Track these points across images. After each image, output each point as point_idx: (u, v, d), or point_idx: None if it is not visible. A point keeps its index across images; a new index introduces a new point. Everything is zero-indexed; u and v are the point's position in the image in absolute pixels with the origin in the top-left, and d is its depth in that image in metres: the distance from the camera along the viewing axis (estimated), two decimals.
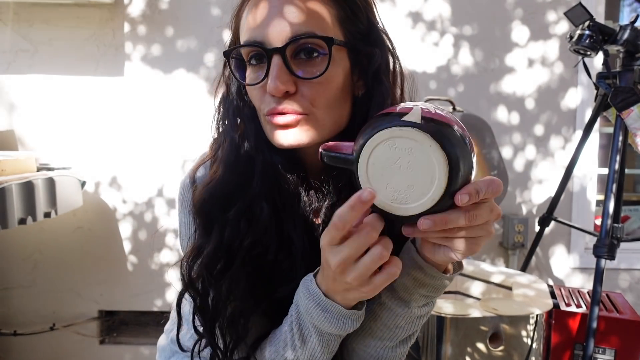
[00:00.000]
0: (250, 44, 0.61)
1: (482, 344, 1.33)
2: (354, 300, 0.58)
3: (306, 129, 0.62)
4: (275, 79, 0.59)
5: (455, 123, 0.49)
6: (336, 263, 0.53)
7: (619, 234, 1.55)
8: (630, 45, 1.54)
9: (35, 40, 2.18)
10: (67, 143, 2.21)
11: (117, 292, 2.27)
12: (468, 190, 0.48)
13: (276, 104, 0.60)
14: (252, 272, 0.65)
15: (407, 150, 0.48)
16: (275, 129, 0.62)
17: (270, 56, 0.60)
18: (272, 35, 0.60)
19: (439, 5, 2.21)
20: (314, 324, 0.60)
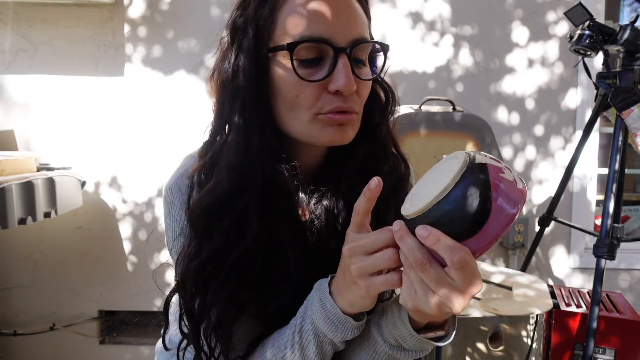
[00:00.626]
0: (317, 40, 0.60)
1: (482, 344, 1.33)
2: (352, 303, 0.58)
3: (354, 128, 0.66)
4: (348, 78, 0.60)
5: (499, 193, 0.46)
6: (349, 246, 0.55)
7: (619, 234, 1.55)
8: (630, 45, 1.54)
9: (35, 40, 2.18)
10: (67, 143, 2.21)
11: (117, 292, 2.27)
12: (431, 230, 0.47)
13: (342, 102, 0.62)
14: (237, 283, 0.64)
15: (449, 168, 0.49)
16: (333, 127, 0.63)
17: (338, 55, 0.60)
18: (340, 33, 0.61)
19: (439, 6, 2.21)
20: (312, 318, 0.60)
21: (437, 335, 0.59)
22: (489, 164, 0.48)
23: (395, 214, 0.55)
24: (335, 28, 0.60)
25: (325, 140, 0.64)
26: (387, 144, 0.74)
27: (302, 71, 0.61)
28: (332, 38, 0.60)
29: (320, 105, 0.62)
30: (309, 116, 0.63)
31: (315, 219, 0.70)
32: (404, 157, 0.76)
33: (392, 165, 0.73)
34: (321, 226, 0.69)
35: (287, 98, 0.63)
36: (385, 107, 0.72)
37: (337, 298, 0.59)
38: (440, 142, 1.66)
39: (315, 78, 0.61)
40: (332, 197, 0.70)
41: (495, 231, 0.46)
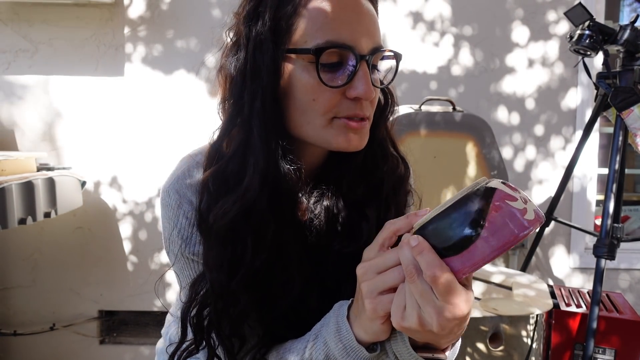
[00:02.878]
0: (342, 47, 0.60)
1: (482, 344, 1.33)
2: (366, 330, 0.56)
3: (367, 133, 0.66)
4: (368, 85, 0.61)
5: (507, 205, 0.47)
6: (361, 265, 0.54)
7: (619, 234, 1.55)
8: (630, 45, 1.54)
9: (35, 40, 2.18)
10: (67, 143, 2.21)
11: (117, 292, 2.27)
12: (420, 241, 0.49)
13: (360, 109, 0.62)
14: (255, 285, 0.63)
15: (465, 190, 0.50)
16: (349, 132, 0.63)
17: (359, 62, 0.60)
18: (363, 40, 0.61)
19: (439, 5, 2.21)
20: (325, 339, 0.60)
21: (435, 356, 0.57)
22: (498, 189, 0.48)
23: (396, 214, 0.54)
24: (358, 35, 0.61)
25: (342, 145, 0.63)
26: (386, 144, 0.73)
27: (323, 75, 0.60)
28: (355, 45, 0.60)
29: (338, 110, 0.62)
30: (325, 120, 0.62)
31: (315, 218, 0.69)
32: (403, 158, 0.76)
33: (392, 165, 0.73)
34: (320, 226, 0.69)
35: (303, 100, 0.62)
36: (384, 109, 0.72)
37: (354, 324, 0.58)
38: (440, 142, 1.66)
39: (335, 84, 0.61)
40: (332, 197, 0.70)
41: (483, 253, 0.47)
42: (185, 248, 0.68)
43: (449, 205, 0.48)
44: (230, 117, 0.64)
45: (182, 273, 0.70)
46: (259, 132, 0.61)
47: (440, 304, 0.48)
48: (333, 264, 0.62)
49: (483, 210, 0.46)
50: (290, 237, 0.65)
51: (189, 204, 0.67)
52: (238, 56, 0.63)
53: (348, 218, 0.69)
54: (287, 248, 0.65)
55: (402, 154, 0.76)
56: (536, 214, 0.47)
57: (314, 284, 0.65)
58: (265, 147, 0.61)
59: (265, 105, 0.61)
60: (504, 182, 0.49)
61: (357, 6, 0.61)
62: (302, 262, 0.65)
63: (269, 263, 0.63)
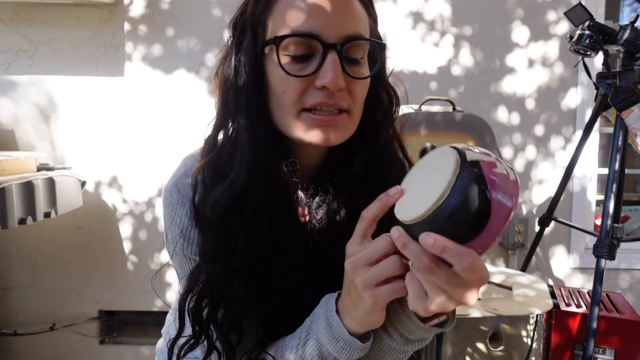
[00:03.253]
0: (307, 35, 0.59)
1: (482, 344, 1.34)
2: (360, 321, 0.57)
3: (345, 128, 0.63)
4: (335, 74, 0.58)
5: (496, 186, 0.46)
6: (350, 260, 0.54)
7: (619, 234, 1.55)
8: (630, 45, 1.54)
9: (35, 40, 2.18)
10: (67, 143, 2.21)
11: (117, 292, 2.27)
12: (436, 238, 0.46)
13: (326, 98, 0.60)
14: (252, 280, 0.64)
15: (440, 168, 0.48)
16: (317, 127, 0.61)
17: (327, 51, 0.59)
18: (331, 29, 0.59)
19: (439, 5, 2.21)
20: (317, 335, 0.60)
21: (441, 320, 0.58)
22: (481, 160, 0.47)
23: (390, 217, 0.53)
24: (326, 24, 0.59)
25: (313, 140, 0.62)
26: (391, 147, 0.72)
27: (291, 66, 0.60)
28: (322, 34, 0.59)
29: (304, 100, 0.61)
30: (294, 113, 0.62)
31: (317, 223, 0.69)
32: (410, 162, 0.74)
33: (397, 170, 0.71)
34: (322, 230, 0.69)
35: (276, 93, 0.63)
36: (388, 111, 0.71)
37: (344, 317, 0.58)
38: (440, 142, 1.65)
39: (301, 73, 0.60)
40: (333, 203, 0.69)
41: (497, 228, 0.46)
42: (187, 247, 0.68)
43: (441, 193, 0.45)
44: (220, 112, 0.66)
45: (184, 272, 0.70)
46: (244, 126, 0.63)
47: (472, 282, 0.48)
48: (333, 270, 0.62)
49: (484, 187, 0.45)
50: (287, 232, 0.65)
51: (190, 203, 0.67)
52: (228, 57, 0.66)
53: (350, 225, 0.68)
54: (284, 243, 0.65)
55: (411, 158, 0.75)
56: (514, 174, 0.48)
57: (311, 284, 0.65)
58: (251, 139, 0.63)
59: (250, 100, 0.63)
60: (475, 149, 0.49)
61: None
62: (300, 258, 0.65)
63: (265, 257, 0.63)
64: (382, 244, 0.52)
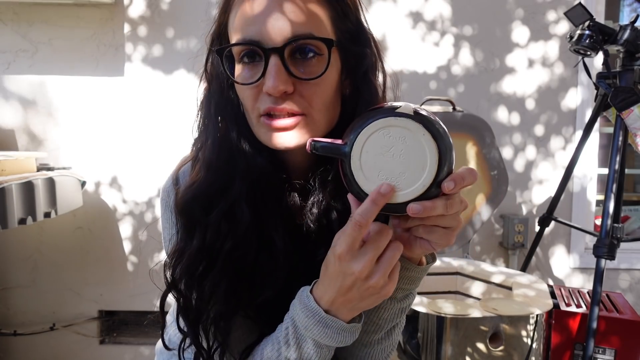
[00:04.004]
0: (246, 43, 0.60)
1: (482, 344, 1.34)
2: (364, 309, 0.60)
3: (303, 131, 0.62)
4: (274, 78, 0.58)
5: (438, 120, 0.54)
6: (361, 268, 0.54)
7: (619, 234, 1.55)
8: (630, 45, 1.54)
9: (35, 40, 2.18)
10: (67, 143, 2.21)
11: (117, 292, 2.27)
12: (454, 177, 0.52)
13: (274, 103, 0.59)
14: (233, 274, 0.64)
15: (401, 139, 0.52)
16: (272, 131, 0.61)
17: (268, 56, 0.58)
18: (270, 34, 0.58)
19: (439, 5, 2.21)
20: (314, 339, 0.61)
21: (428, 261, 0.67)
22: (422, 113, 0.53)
23: None
24: (266, 28, 0.59)
25: (272, 144, 0.62)
26: None
27: (244, 74, 0.62)
28: (262, 39, 0.59)
29: (258, 106, 0.61)
30: (254, 118, 0.63)
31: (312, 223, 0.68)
32: None
33: None
34: (317, 230, 0.68)
35: (242, 102, 0.65)
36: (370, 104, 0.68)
37: (338, 314, 0.59)
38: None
39: (248, 81, 0.61)
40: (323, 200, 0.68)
41: None
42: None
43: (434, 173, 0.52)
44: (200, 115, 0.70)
45: None
46: (212, 129, 0.67)
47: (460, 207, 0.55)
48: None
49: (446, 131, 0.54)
50: (277, 227, 0.66)
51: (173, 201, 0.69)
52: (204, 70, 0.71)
53: (338, 220, 0.68)
54: (274, 238, 0.66)
55: None
56: None
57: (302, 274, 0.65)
58: (216, 142, 0.66)
59: (219, 106, 0.67)
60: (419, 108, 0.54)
61: (267, 1, 0.59)
62: (289, 251, 0.66)
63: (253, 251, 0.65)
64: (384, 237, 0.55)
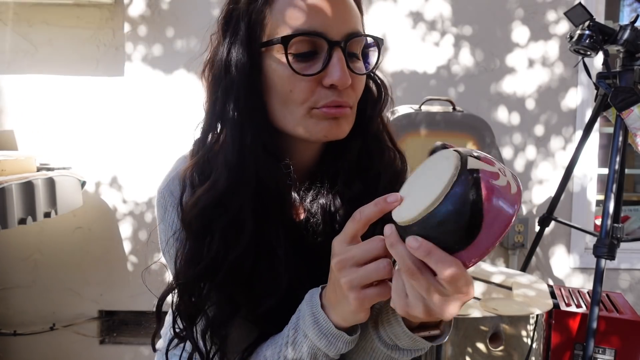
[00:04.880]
0: (312, 34, 0.60)
1: (482, 344, 1.34)
2: (345, 318, 0.56)
3: (349, 122, 0.65)
4: (343, 72, 0.59)
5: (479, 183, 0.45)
6: (338, 259, 0.53)
7: (619, 234, 1.55)
8: (630, 45, 1.54)
9: (35, 40, 2.18)
10: (67, 143, 2.21)
11: (117, 292, 2.27)
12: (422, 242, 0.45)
13: (337, 97, 0.61)
14: (234, 280, 0.63)
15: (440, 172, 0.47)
16: (328, 121, 0.62)
17: (332, 49, 0.60)
18: (334, 28, 0.60)
19: (439, 5, 2.21)
20: (304, 332, 0.60)
21: (432, 334, 0.58)
22: (481, 169, 0.45)
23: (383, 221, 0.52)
24: (329, 22, 0.60)
25: (320, 135, 0.63)
26: (382, 138, 0.73)
27: (297, 65, 0.60)
28: (326, 32, 0.60)
29: (315, 99, 0.61)
30: (304, 111, 0.62)
31: (312, 217, 0.69)
32: (400, 152, 0.75)
33: (388, 159, 0.72)
34: (317, 224, 0.68)
35: (281, 93, 0.62)
36: (378, 101, 0.71)
37: (330, 312, 0.57)
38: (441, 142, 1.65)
39: (309, 72, 0.60)
40: (328, 195, 0.69)
41: (488, 242, 0.45)
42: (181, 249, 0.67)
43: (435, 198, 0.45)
44: (206, 112, 0.67)
45: None
46: (231, 128, 0.63)
47: (452, 294, 0.46)
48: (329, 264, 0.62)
49: (479, 199, 0.44)
50: (279, 236, 0.65)
51: (178, 204, 0.67)
52: (216, 56, 0.66)
53: (346, 216, 0.68)
54: (274, 247, 0.64)
55: (399, 147, 0.75)
56: (517, 185, 0.46)
57: (308, 282, 0.64)
58: (237, 142, 0.62)
59: (239, 101, 0.63)
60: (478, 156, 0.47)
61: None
62: (290, 260, 0.65)
63: (254, 260, 0.63)
64: (374, 246, 0.51)
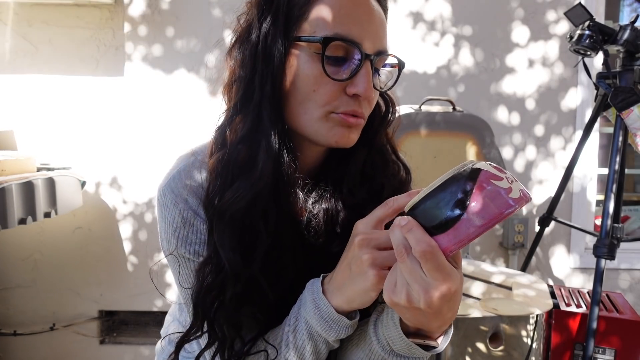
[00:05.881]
0: (350, 41, 0.60)
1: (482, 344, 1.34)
2: (352, 298, 0.57)
3: (359, 132, 0.66)
4: (369, 84, 0.61)
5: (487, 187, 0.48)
6: (363, 237, 0.55)
7: (619, 234, 1.55)
8: (630, 45, 1.54)
9: (35, 40, 2.18)
10: (67, 143, 2.21)
11: (117, 292, 2.27)
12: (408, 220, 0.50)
13: (357, 107, 0.63)
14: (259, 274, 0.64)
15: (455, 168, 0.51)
16: (342, 128, 0.63)
17: (364, 60, 0.61)
18: (369, 41, 0.62)
19: (439, 5, 2.21)
20: (305, 318, 0.61)
21: (427, 343, 0.58)
22: (484, 169, 0.49)
23: None
24: (366, 34, 0.61)
25: (332, 140, 0.64)
26: (386, 150, 0.74)
27: (328, 68, 0.61)
28: (362, 42, 0.61)
29: (336, 104, 0.62)
30: (322, 113, 0.62)
31: (313, 218, 0.69)
32: (404, 164, 0.77)
33: (392, 171, 0.74)
34: (319, 226, 0.69)
35: (303, 90, 0.62)
36: (385, 116, 0.73)
37: (332, 296, 0.59)
38: (440, 142, 1.66)
39: (338, 77, 0.61)
40: (330, 199, 0.70)
41: (468, 231, 0.48)
42: (182, 247, 0.67)
43: (437, 185, 0.50)
44: (239, 100, 0.64)
45: (178, 272, 0.70)
46: (269, 116, 0.62)
47: (428, 280, 0.48)
48: (330, 265, 0.62)
49: (468, 191, 0.48)
50: (286, 226, 0.66)
51: (184, 203, 0.66)
52: (250, 40, 0.63)
53: (347, 220, 0.69)
54: (283, 237, 0.65)
55: (404, 160, 0.77)
56: (522, 193, 0.48)
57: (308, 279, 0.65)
58: (275, 131, 0.62)
59: (276, 90, 0.62)
60: (491, 164, 0.51)
61: (369, 7, 0.62)
62: (297, 253, 0.66)
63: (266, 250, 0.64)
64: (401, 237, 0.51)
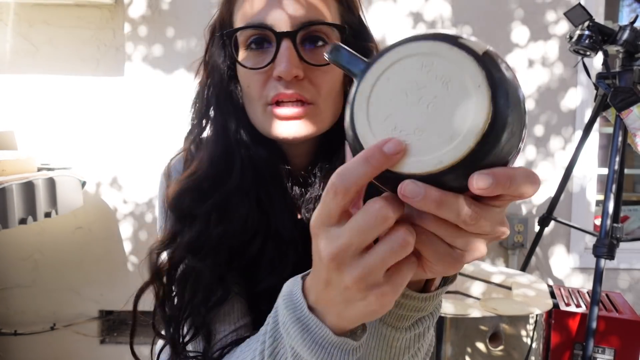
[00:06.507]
0: (258, 26, 0.59)
1: (482, 343, 1.34)
2: (354, 320, 0.38)
3: (308, 122, 0.61)
4: (287, 61, 0.57)
5: (516, 81, 0.33)
6: (330, 253, 0.34)
7: (618, 234, 1.55)
8: (629, 45, 1.54)
9: (36, 40, 2.18)
10: (67, 143, 2.22)
11: (117, 292, 2.27)
12: (496, 173, 0.30)
13: (284, 88, 0.58)
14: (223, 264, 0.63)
15: (444, 82, 0.32)
16: (280, 120, 0.60)
17: (280, 40, 0.58)
18: (282, 18, 0.59)
19: (439, 5, 2.22)
20: (292, 346, 0.42)
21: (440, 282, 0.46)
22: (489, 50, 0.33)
23: None
24: (278, 14, 0.59)
25: (276, 134, 0.61)
26: None
27: (251, 60, 0.61)
28: (274, 24, 0.59)
29: (266, 93, 0.60)
30: (260, 108, 0.62)
31: (307, 213, 0.69)
32: None
33: None
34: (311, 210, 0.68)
35: (245, 92, 0.64)
36: None
37: (324, 314, 0.40)
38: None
39: (258, 66, 0.60)
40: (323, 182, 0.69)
41: None
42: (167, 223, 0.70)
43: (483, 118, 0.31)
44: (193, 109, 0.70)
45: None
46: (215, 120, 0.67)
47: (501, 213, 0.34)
48: None
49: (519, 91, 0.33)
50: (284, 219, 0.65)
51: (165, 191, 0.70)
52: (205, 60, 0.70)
53: None
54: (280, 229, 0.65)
55: None
56: None
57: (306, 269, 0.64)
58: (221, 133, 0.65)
59: (219, 98, 0.66)
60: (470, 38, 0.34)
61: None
62: (294, 241, 0.65)
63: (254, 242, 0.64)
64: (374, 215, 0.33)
